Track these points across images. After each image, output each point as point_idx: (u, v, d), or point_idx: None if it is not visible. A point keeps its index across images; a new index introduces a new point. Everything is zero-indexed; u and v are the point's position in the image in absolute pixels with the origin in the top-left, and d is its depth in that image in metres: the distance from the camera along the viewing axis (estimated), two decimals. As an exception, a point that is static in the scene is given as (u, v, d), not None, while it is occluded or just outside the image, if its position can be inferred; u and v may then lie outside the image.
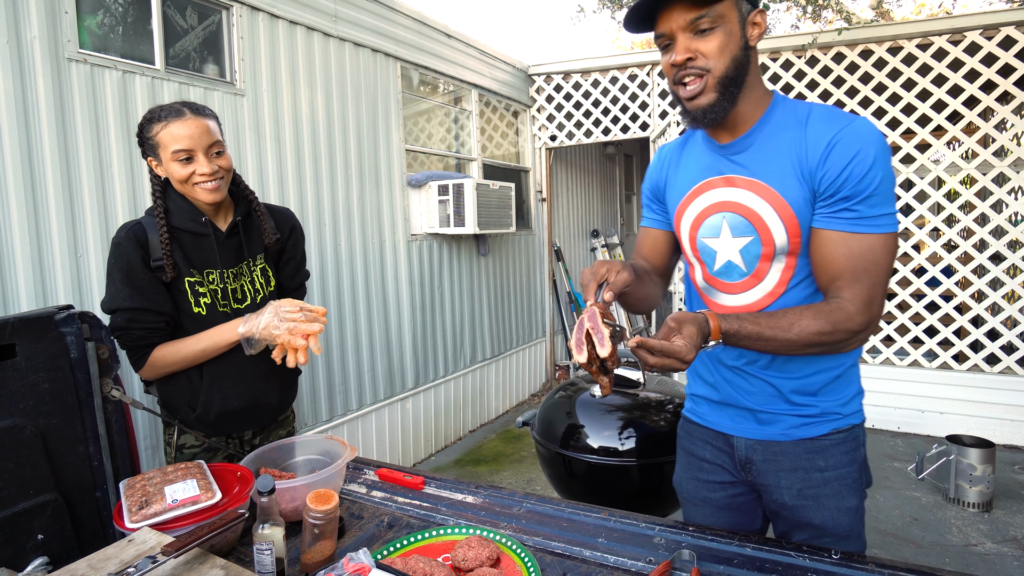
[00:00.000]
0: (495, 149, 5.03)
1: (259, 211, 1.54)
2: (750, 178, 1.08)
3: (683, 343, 0.90)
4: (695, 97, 1.04)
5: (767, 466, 1.17)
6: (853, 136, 0.99)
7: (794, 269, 1.09)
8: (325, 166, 3.20)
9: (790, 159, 1.04)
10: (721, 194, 1.12)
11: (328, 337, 3.23)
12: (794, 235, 1.06)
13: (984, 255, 3.98)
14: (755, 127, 1.08)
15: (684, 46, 1.01)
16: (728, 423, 1.23)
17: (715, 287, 1.18)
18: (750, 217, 1.08)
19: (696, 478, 1.30)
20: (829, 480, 1.13)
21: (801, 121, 1.05)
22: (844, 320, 1.00)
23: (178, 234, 1.41)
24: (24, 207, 2.00)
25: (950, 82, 3.88)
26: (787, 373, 1.13)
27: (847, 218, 1.00)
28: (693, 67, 1.02)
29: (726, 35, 1.01)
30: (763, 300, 1.12)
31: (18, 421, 1.22)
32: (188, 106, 1.38)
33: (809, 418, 1.14)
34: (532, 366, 5.46)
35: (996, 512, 3.07)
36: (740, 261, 1.12)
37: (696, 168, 1.18)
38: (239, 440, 1.59)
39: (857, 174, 0.98)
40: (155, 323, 1.38)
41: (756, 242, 1.09)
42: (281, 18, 2.93)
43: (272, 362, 1.56)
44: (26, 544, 1.18)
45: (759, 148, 1.08)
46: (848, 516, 1.13)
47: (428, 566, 0.95)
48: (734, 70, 1.02)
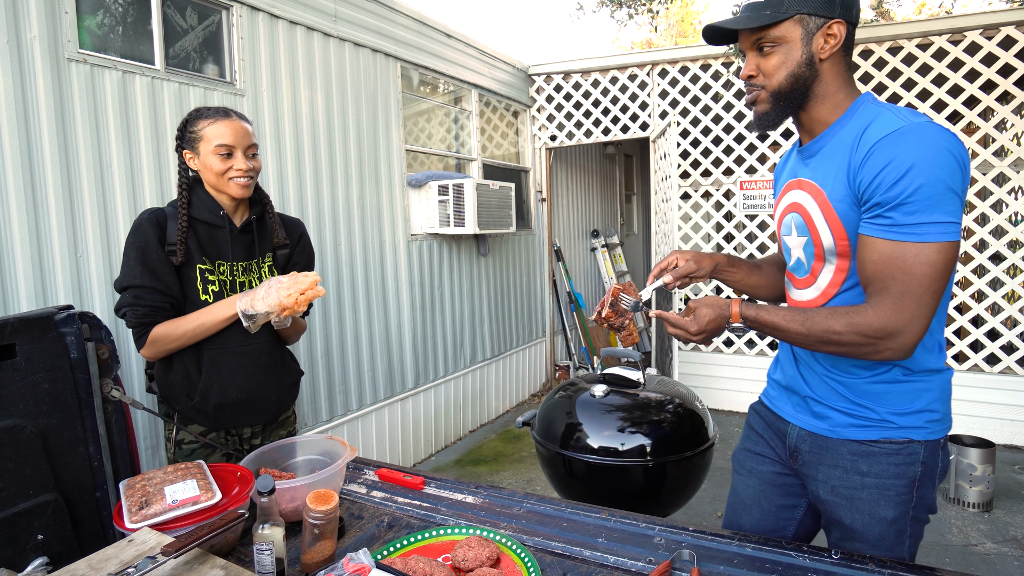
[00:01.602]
0: (495, 149, 5.03)
1: (272, 215, 1.64)
2: (810, 180, 1.16)
3: (690, 319, 1.16)
4: (754, 105, 1.16)
5: (811, 457, 1.20)
6: (896, 141, 0.97)
7: (846, 272, 1.11)
8: (325, 166, 3.20)
9: (842, 163, 1.07)
10: (794, 196, 1.21)
11: (328, 337, 3.24)
12: (840, 237, 1.08)
13: (984, 255, 3.97)
14: (828, 130, 1.13)
15: (750, 63, 1.14)
16: (789, 409, 1.28)
17: (791, 281, 1.28)
18: (806, 219, 1.16)
19: (748, 449, 1.39)
20: (868, 486, 1.12)
21: (865, 125, 1.05)
22: (859, 322, 1.00)
23: (196, 224, 1.51)
24: (24, 207, 2.00)
25: (950, 82, 3.88)
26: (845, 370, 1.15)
27: (880, 224, 1.00)
28: (754, 82, 1.14)
29: (784, 54, 1.10)
30: (818, 299, 1.17)
31: (18, 421, 1.22)
32: (232, 110, 1.53)
33: (861, 419, 1.13)
34: (532, 366, 5.46)
35: (996, 512, 3.06)
36: (803, 258, 1.20)
37: (786, 171, 1.30)
38: (238, 438, 1.60)
39: (893, 178, 0.96)
40: (161, 302, 1.44)
41: (810, 243, 1.16)
42: (281, 18, 2.93)
43: (272, 356, 1.59)
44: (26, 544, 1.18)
45: (826, 152, 1.13)
46: (881, 526, 1.11)
47: (428, 566, 0.95)
48: (790, 85, 1.11)
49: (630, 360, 2.30)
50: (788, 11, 1.07)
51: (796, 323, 1.07)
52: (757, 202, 4.62)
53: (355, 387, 3.42)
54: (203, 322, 1.44)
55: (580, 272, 6.54)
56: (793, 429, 1.25)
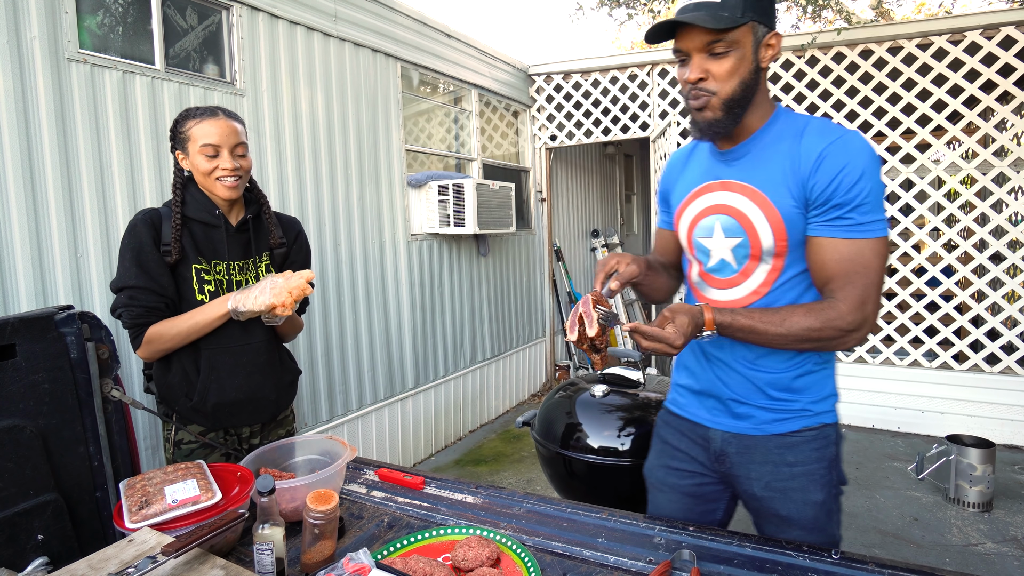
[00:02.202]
0: (495, 149, 5.03)
1: (268, 214, 1.64)
2: (744, 183, 1.15)
3: (673, 330, 1.01)
4: (701, 111, 1.11)
5: (740, 458, 1.23)
6: (842, 148, 1.06)
7: (780, 270, 1.16)
8: (325, 166, 3.20)
9: (782, 168, 1.11)
10: (717, 197, 1.19)
11: (328, 337, 3.24)
12: (780, 239, 1.12)
13: (984, 255, 3.97)
14: (754, 136, 1.15)
15: (699, 66, 1.08)
16: (706, 415, 1.28)
17: (707, 282, 1.25)
18: (740, 220, 1.15)
19: (667, 466, 1.36)
20: (797, 475, 1.18)
21: (797, 133, 1.11)
22: (835, 318, 1.06)
23: (191, 224, 1.50)
24: (24, 207, 2.00)
25: (950, 82, 3.88)
26: (766, 368, 1.19)
27: (839, 225, 1.07)
28: (704, 87, 1.09)
29: (738, 60, 1.07)
30: (749, 297, 1.19)
31: (18, 421, 1.22)
32: (221, 109, 1.51)
33: (782, 413, 1.19)
34: (532, 366, 5.46)
35: (996, 512, 3.06)
36: (732, 259, 1.19)
37: (698, 172, 1.25)
38: (237, 437, 1.60)
39: (847, 184, 1.05)
40: (156, 303, 1.43)
41: (745, 243, 1.16)
42: (281, 18, 2.93)
43: (270, 355, 1.59)
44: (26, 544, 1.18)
45: (756, 156, 1.15)
46: (813, 509, 1.18)
47: (428, 566, 0.95)
48: (741, 92, 1.09)
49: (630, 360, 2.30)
50: (745, 16, 1.05)
51: (774, 325, 1.07)
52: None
53: (355, 387, 3.42)
54: (197, 321, 1.44)
55: (580, 272, 6.54)
56: (716, 433, 1.26)
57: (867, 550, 2.72)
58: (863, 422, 4.34)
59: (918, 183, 4.05)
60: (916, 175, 4.09)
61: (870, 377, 4.30)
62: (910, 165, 4.13)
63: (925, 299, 4.15)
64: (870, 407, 4.31)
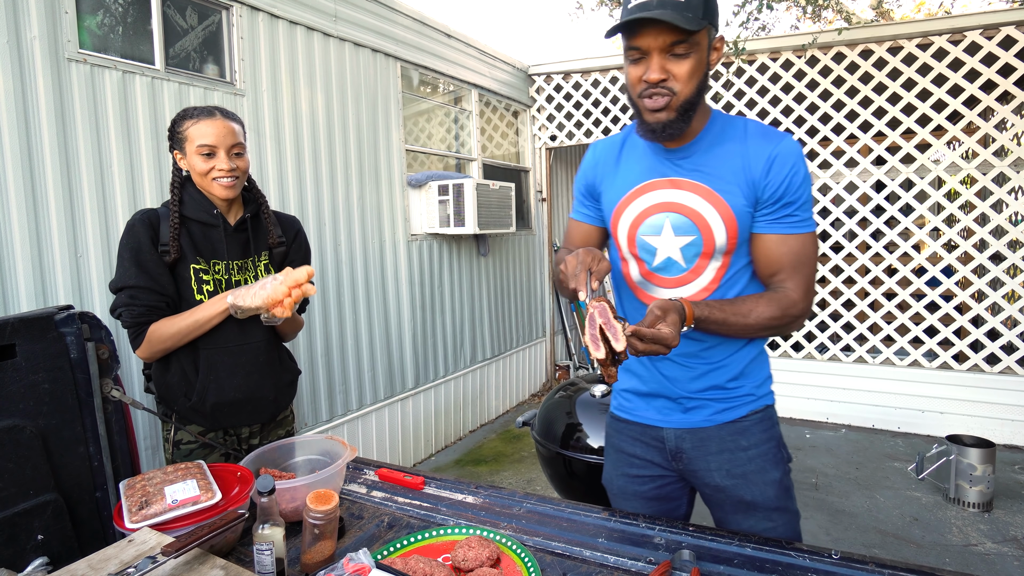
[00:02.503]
0: (495, 149, 5.03)
1: (267, 213, 1.63)
2: (696, 182, 1.17)
3: (669, 330, 0.98)
4: (658, 111, 1.09)
5: (696, 452, 1.26)
6: (788, 152, 1.13)
7: (727, 267, 1.20)
8: (325, 166, 3.20)
9: (732, 168, 1.15)
10: (665, 195, 1.19)
11: (328, 337, 3.24)
12: (732, 236, 1.16)
13: (984, 255, 3.97)
14: (700, 136, 1.18)
15: (660, 65, 1.06)
16: (655, 415, 1.30)
17: (652, 282, 1.25)
18: (693, 218, 1.17)
19: (626, 474, 1.36)
20: (753, 458, 1.23)
21: (740, 135, 1.17)
22: (790, 306, 1.14)
23: (189, 223, 1.50)
24: (24, 207, 2.00)
25: (950, 82, 3.88)
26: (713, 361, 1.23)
27: (787, 222, 1.15)
28: (663, 87, 1.07)
29: (697, 61, 1.08)
30: (699, 294, 1.21)
31: (18, 421, 1.22)
32: (219, 109, 1.51)
33: (730, 402, 1.24)
34: (532, 366, 5.46)
35: (996, 512, 3.07)
36: (680, 258, 1.20)
37: (638, 169, 1.24)
38: (236, 438, 1.60)
39: (795, 185, 1.13)
40: (156, 302, 1.43)
41: (698, 241, 1.17)
42: (281, 18, 2.93)
43: (269, 355, 1.59)
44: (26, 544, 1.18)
45: (703, 155, 1.17)
46: (774, 488, 1.23)
47: (428, 566, 0.95)
48: (696, 94, 1.10)
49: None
50: (705, 18, 1.05)
51: (742, 316, 1.11)
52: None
53: (355, 387, 3.42)
54: (196, 319, 1.44)
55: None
56: (669, 432, 1.28)
57: (867, 550, 2.73)
58: (863, 422, 4.34)
59: (918, 183, 4.05)
60: (916, 175, 4.09)
61: (870, 377, 4.30)
62: (910, 165, 4.13)
63: (925, 299, 4.15)
64: (870, 407, 4.31)
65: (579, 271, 1.03)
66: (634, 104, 1.14)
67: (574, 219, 1.39)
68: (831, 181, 4.39)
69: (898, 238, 4.17)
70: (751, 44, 4.33)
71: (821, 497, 3.27)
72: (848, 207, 4.31)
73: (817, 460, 3.77)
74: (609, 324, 0.96)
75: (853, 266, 4.40)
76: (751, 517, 1.23)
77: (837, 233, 4.36)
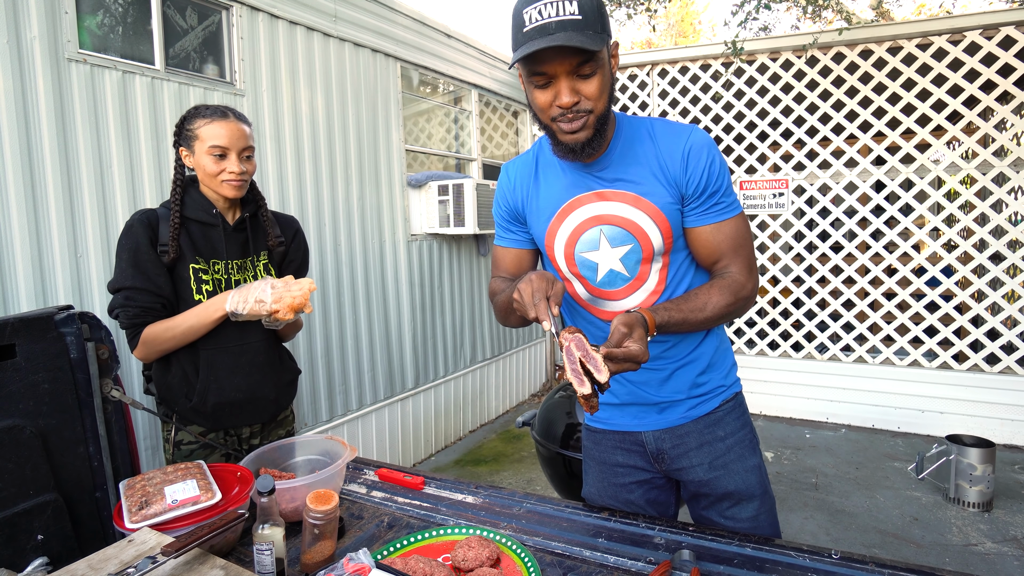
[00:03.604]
0: (495, 149, 5.03)
1: (265, 213, 1.63)
2: (621, 190, 1.16)
3: (637, 346, 0.95)
4: (576, 132, 1.07)
5: (677, 451, 1.27)
6: (700, 143, 1.14)
7: (669, 267, 1.21)
8: (325, 166, 3.20)
9: (651, 169, 1.15)
10: (595, 208, 1.18)
11: (328, 337, 3.24)
12: (667, 237, 1.17)
13: (984, 255, 3.98)
14: (611, 145, 1.17)
15: (570, 88, 1.03)
16: (632, 420, 1.30)
17: (601, 296, 1.24)
18: (627, 226, 1.16)
19: (613, 484, 1.34)
20: (731, 446, 1.26)
21: (648, 135, 1.17)
22: (740, 289, 1.16)
23: (188, 223, 1.50)
24: (24, 207, 2.00)
25: (950, 82, 3.88)
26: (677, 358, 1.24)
27: (717, 211, 1.17)
28: (578, 109, 1.05)
29: (604, 76, 1.05)
30: (648, 299, 1.22)
31: (18, 421, 1.22)
32: (231, 110, 1.51)
33: (701, 397, 1.26)
34: (532, 366, 5.46)
35: (996, 512, 3.07)
36: (622, 268, 1.20)
37: (559, 187, 1.21)
38: (237, 438, 1.60)
39: (715, 173, 1.15)
40: (152, 303, 1.43)
41: (636, 249, 1.17)
42: (281, 18, 2.93)
43: (269, 355, 1.59)
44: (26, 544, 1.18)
45: (620, 162, 1.17)
46: (755, 474, 1.26)
47: (428, 566, 0.95)
48: (607, 107, 1.09)
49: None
50: (604, 31, 1.02)
51: (698, 311, 1.12)
52: (757, 202, 4.62)
53: (355, 387, 3.42)
54: (191, 325, 1.44)
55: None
56: (648, 436, 1.28)
57: (867, 550, 2.73)
58: (863, 422, 4.34)
59: (918, 183, 4.05)
60: (916, 175, 4.09)
61: (870, 377, 4.30)
62: (910, 165, 4.13)
63: (925, 299, 4.16)
64: (870, 407, 4.31)
65: (537, 300, 0.98)
66: (547, 128, 1.11)
67: (501, 246, 1.34)
68: (831, 181, 4.39)
69: (898, 238, 4.17)
70: (751, 44, 4.33)
71: (821, 497, 3.27)
72: (848, 207, 4.31)
73: (817, 460, 3.77)
74: (589, 356, 0.92)
75: (853, 266, 4.40)
76: (735, 507, 1.24)
77: (837, 233, 4.36)
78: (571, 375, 0.93)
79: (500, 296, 1.25)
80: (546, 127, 1.11)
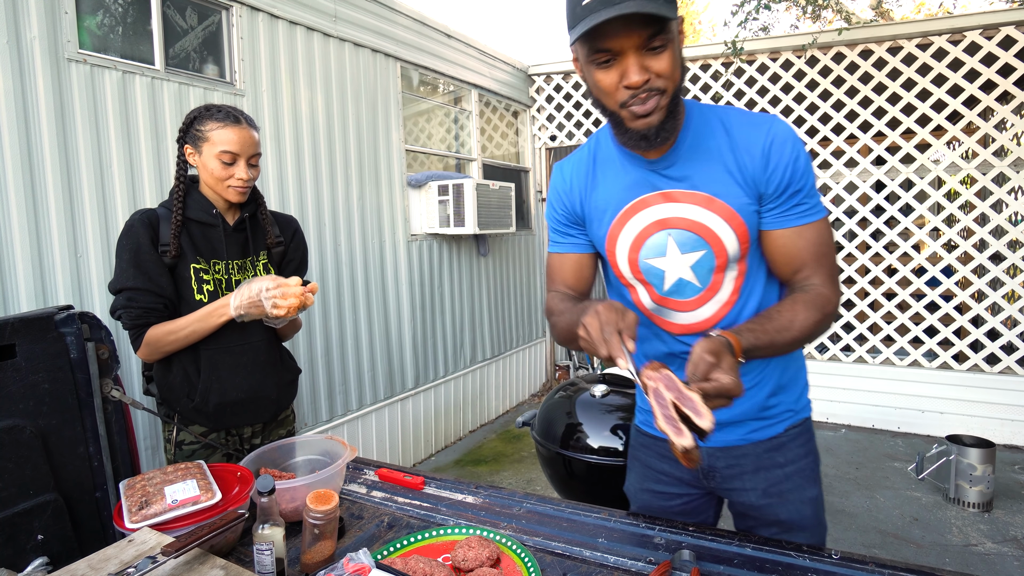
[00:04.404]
0: (495, 149, 5.03)
1: (264, 213, 1.63)
2: (691, 190, 1.05)
3: (730, 378, 0.81)
4: (648, 116, 0.95)
5: (731, 471, 1.18)
6: (783, 136, 1.02)
7: (744, 274, 1.09)
8: (325, 166, 3.20)
9: (725, 166, 1.03)
10: (661, 211, 1.07)
11: (328, 337, 3.24)
12: (744, 241, 1.06)
13: (984, 255, 3.98)
14: (680, 139, 1.04)
15: (639, 65, 0.91)
16: None
17: (668, 306, 1.13)
18: (699, 231, 1.05)
19: (651, 490, 1.29)
20: (790, 475, 1.16)
21: (721, 126, 1.05)
22: (826, 303, 1.03)
23: (189, 223, 1.49)
24: (24, 207, 2.00)
25: (950, 82, 3.88)
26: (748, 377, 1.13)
27: (800, 212, 1.04)
28: (649, 88, 0.92)
29: (676, 51, 0.93)
30: (720, 311, 1.10)
31: (18, 421, 1.22)
32: (243, 115, 1.50)
33: (767, 420, 1.16)
34: (532, 366, 5.46)
35: (996, 512, 3.06)
36: (693, 277, 1.09)
37: (620, 186, 1.10)
38: (238, 438, 1.60)
39: (799, 170, 1.03)
40: (154, 304, 1.43)
41: (708, 255, 1.06)
42: (281, 18, 2.93)
43: (270, 354, 1.59)
44: (26, 544, 1.18)
45: (689, 159, 1.05)
46: (811, 506, 1.17)
47: (428, 566, 0.95)
48: (679, 87, 0.97)
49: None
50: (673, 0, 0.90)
51: (784, 331, 0.98)
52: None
53: (355, 387, 3.42)
54: (195, 330, 1.44)
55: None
56: (701, 452, 1.16)
57: (867, 550, 2.72)
58: (863, 422, 4.34)
59: (918, 183, 4.05)
60: (916, 175, 4.09)
61: (870, 377, 4.30)
62: (910, 165, 4.13)
63: (925, 299, 4.15)
64: (870, 407, 4.31)
65: (608, 334, 0.86)
66: (613, 115, 0.98)
67: (558, 252, 1.22)
68: (831, 181, 4.39)
69: (898, 238, 4.17)
70: (751, 44, 4.33)
71: (821, 497, 3.27)
72: (848, 207, 4.31)
73: (817, 460, 3.77)
74: (684, 397, 0.77)
75: (853, 266, 4.40)
76: (783, 535, 1.16)
77: (837, 233, 4.36)
78: (664, 423, 0.77)
79: (562, 319, 1.11)
80: (612, 115, 0.99)
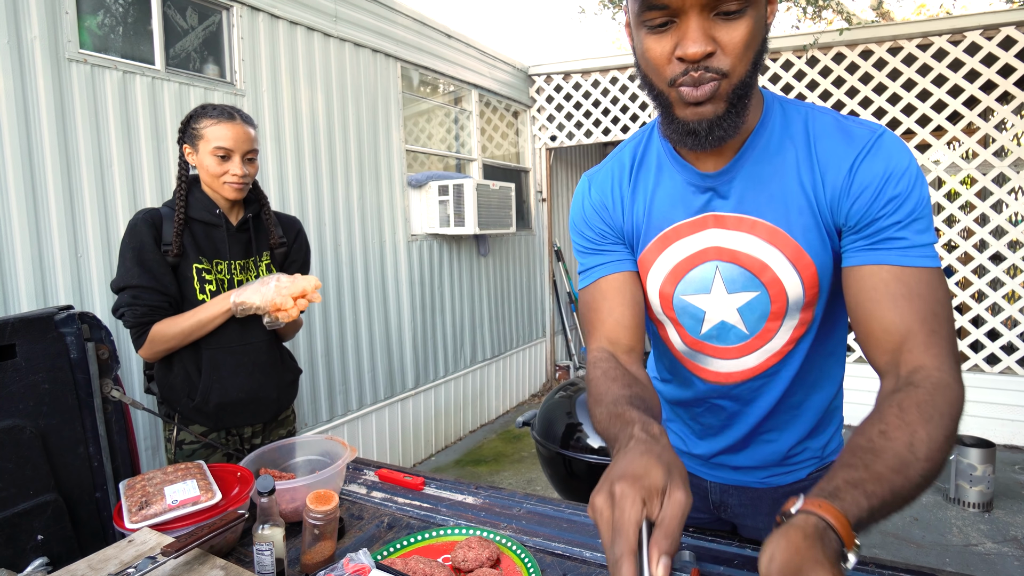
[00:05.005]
0: (495, 149, 5.03)
1: (268, 213, 1.64)
2: (747, 216, 0.82)
3: None
4: (702, 104, 0.71)
5: (743, 509, 1.11)
6: (887, 147, 0.76)
7: (808, 323, 0.86)
8: (325, 166, 3.20)
9: (800, 188, 0.79)
10: (709, 238, 0.85)
11: (328, 337, 3.24)
12: (811, 285, 0.82)
13: (984, 255, 3.98)
14: (748, 144, 0.80)
15: (703, 32, 0.67)
16: (700, 468, 1.12)
17: (703, 352, 0.94)
18: (754, 268, 0.83)
19: None
20: None
21: (803, 136, 0.79)
22: (954, 403, 0.67)
23: (192, 223, 1.50)
24: (24, 207, 2.01)
25: (950, 82, 3.88)
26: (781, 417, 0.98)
27: (899, 248, 0.73)
28: (709, 66, 0.68)
29: (755, 22, 0.68)
30: (767, 362, 0.91)
31: (18, 421, 1.22)
32: (238, 112, 1.51)
33: (790, 466, 1.04)
34: (532, 366, 5.46)
35: (996, 512, 3.06)
36: (739, 321, 0.88)
37: (663, 202, 0.87)
38: (239, 438, 1.61)
39: (903, 194, 0.73)
40: (158, 302, 1.44)
41: (763, 299, 0.84)
42: (281, 18, 2.93)
43: (271, 355, 1.59)
44: (26, 545, 1.18)
45: (752, 174, 0.81)
46: None
47: (428, 567, 0.95)
48: (752, 72, 0.72)
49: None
50: None
51: (901, 470, 0.60)
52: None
53: (355, 387, 3.42)
54: (199, 319, 1.44)
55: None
56: (714, 486, 1.11)
57: (867, 550, 2.72)
58: (863, 422, 4.34)
59: (918, 183, 4.05)
60: (916, 175, 4.08)
61: (870, 377, 4.27)
62: (910, 165, 4.12)
63: (925, 299, 4.15)
64: (870, 407, 4.30)
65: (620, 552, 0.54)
66: (660, 97, 0.74)
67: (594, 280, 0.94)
68: (831, 181, 4.39)
69: (898, 238, 4.16)
70: (751, 44, 4.33)
71: (821, 497, 3.27)
72: (848, 207, 4.30)
73: (817, 460, 3.77)
74: None
75: (853, 266, 4.39)
76: None
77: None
78: None
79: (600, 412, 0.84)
80: (659, 96, 0.74)
